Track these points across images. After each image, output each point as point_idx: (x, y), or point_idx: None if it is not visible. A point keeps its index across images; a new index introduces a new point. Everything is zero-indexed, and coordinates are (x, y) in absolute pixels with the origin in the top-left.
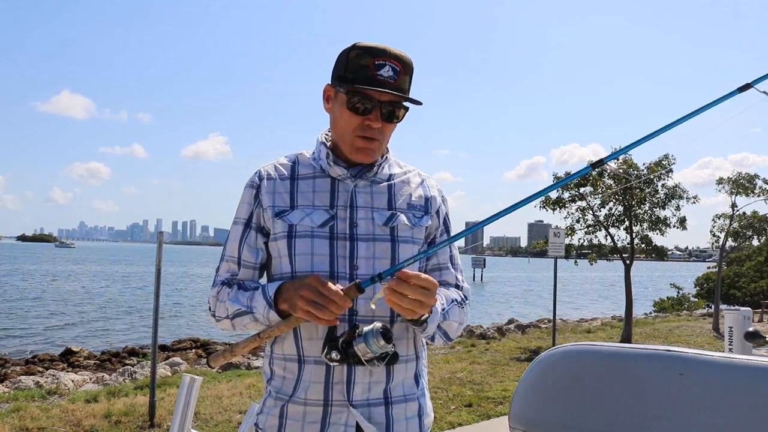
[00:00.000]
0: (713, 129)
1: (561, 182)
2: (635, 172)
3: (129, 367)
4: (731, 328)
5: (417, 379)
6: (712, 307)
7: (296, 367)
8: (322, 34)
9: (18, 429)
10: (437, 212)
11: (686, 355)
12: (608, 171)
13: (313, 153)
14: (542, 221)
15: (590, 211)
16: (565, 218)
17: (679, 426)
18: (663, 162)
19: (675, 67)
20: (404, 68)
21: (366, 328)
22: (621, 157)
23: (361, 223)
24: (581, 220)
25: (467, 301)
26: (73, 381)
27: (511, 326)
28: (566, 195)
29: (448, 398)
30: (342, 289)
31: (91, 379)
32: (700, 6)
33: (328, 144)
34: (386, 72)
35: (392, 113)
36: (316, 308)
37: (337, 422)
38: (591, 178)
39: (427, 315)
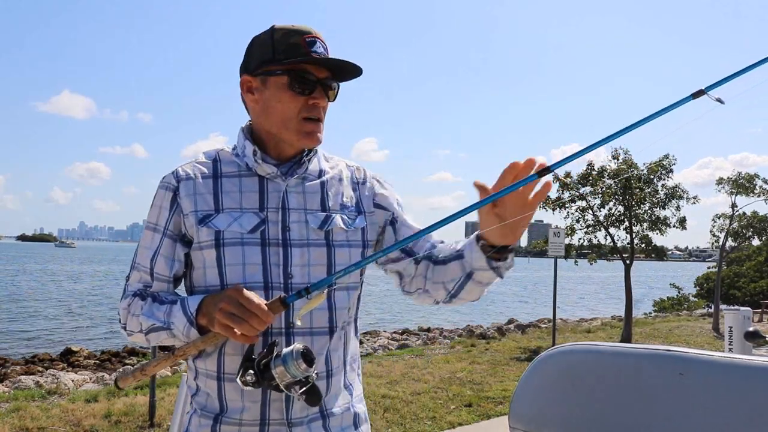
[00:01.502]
0: (666, 135)
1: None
2: (635, 171)
3: (129, 366)
4: (731, 328)
5: (348, 387)
6: (712, 307)
7: (216, 384)
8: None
9: (18, 429)
10: (377, 204)
11: (686, 355)
12: (608, 171)
13: (235, 149)
14: (542, 221)
15: (590, 211)
16: (565, 218)
17: (679, 426)
18: (663, 162)
19: (675, 67)
20: (328, 48)
21: (285, 350)
22: (621, 157)
23: (294, 227)
24: (581, 220)
25: None
26: (73, 381)
27: (511, 326)
28: (566, 195)
29: (448, 398)
30: (266, 303)
31: (91, 379)
32: (700, 6)
33: (251, 138)
34: (319, 48)
35: (332, 90)
36: (235, 321)
37: None
38: (591, 178)
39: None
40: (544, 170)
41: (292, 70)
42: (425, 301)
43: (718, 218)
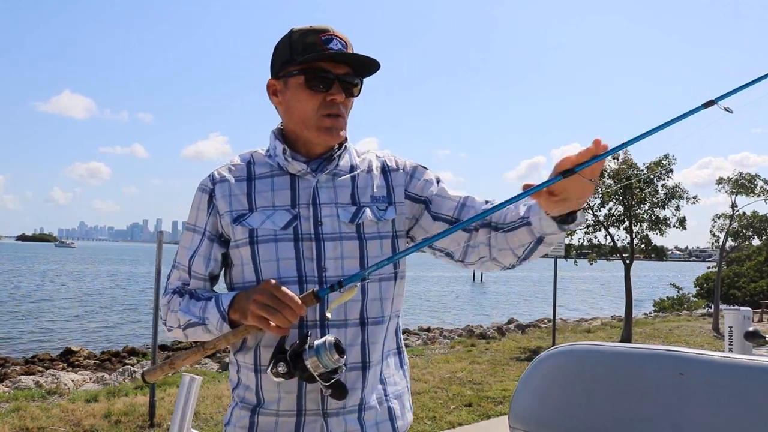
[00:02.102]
0: (678, 143)
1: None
2: (635, 172)
3: (129, 366)
4: (731, 328)
5: (384, 381)
6: (712, 307)
7: (254, 377)
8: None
9: (18, 429)
10: (408, 194)
11: (686, 355)
12: (608, 171)
13: (268, 150)
14: None
15: (590, 211)
16: None
17: (679, 426)
18: (663, 162)
19: (675, 67)
20: (349, 44)
21: (317, 341)
22: (621, 157)
23: (326, 221)
24: None
25: None
26: (73, 381)
27: (511, 326)
28: None
29: (448, 398)
30: (299, 296)
31: (91, 379)
32: (700, 6)
33: (281, 138)
34: (335, 45)
35: (350, 87)
36: (269, 312)
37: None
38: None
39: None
40: (568, 171)
41: (308, 69)
42: (491, 268)
43: (718, 218)
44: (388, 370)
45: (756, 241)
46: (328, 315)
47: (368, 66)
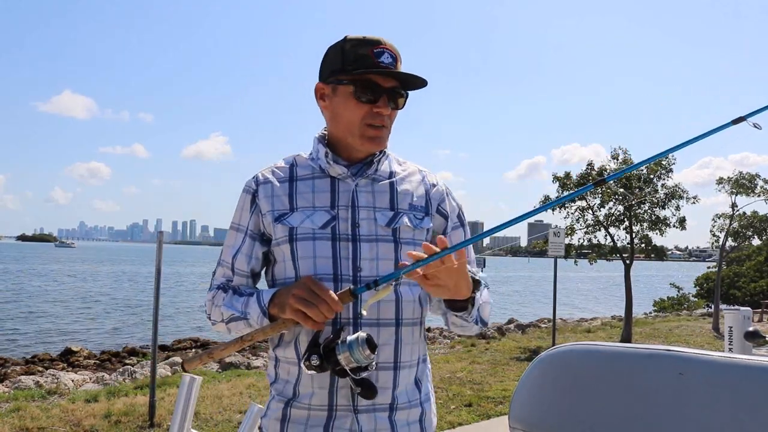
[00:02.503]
0: (709, 155)
1: (569, 196)
2: (635, 172)
3: (129, 366)
4: (731, 327)
5: (418, 384)
6: (712, 307)
7: (296, 370)
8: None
9: (18, 429)
10: (440, 209)
11: (686, 355)
12: (608, 171)
13: (311, 153)
14: (542, 221)
15: (590, 211)
16: (565, 218)
17: (679, 426)
18: (663, 162)
19: (675, 67)
20: (399, 57)
21: (350, 337)
22: (621, 158)
23: (363, 223)
24: (581, 219)
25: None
26: (73, 381)
27: (511, 326)
28: (566, 195)
29: (448, 398)
30: (336, 293)
31: (91, 379)
32: (700, 6)
33: (325, 142)
34: (386, 59)
35: (396, 100)
36: (307, 306)
37: (342, 427)
38: (591, 178)
39: (472, 294)
40: (599, 182)
41: (358, 80)
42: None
43: (718, 218)
44: (419, 374)
45: (756, 241)
46: (363, 313)
47: (416, 82)
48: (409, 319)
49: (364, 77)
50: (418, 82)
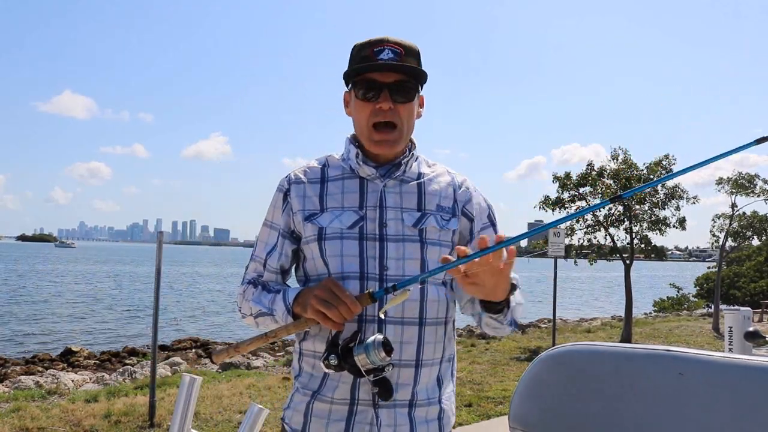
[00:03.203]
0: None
1: (588, 210)
2: (635, 172)
3: (129, 367)
4: (731, 328)
5: (439, 382)
6: (712, 307)
7: (321, 365)
8: (323, 34)
9: (18, 429)
10: (465, 211)
11: (686, 355)
12: (608, 171)
13: (343, 154)
14: (542, 221)
15: (590, 211)
16: None
17: (678, 426)
18: (663, 162)
19: (675, 67)
20: (406, 51)
21: (368, 339)
22: (621, 158)
23: (391, 223)
24: (581, 220)
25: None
26: (73, 381)
27: None
28: (566, 195)
29: None
30: (356, 296)
31: (91, 379)
32: (700, 6)
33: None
34: (385, 55)
35: (402, 93)
36: (326, 307)
37: (362, 421)
38: (591, 178)
39: (508, 295)
40: (616, 198)
41: (360, 81)
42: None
43: (718, 218)
44: (442, 373)
45: (756, 241)
46: (381, 315)
47: (415, 74)
48: (433, 318)
49: (364, 76)
50: (417, 71)
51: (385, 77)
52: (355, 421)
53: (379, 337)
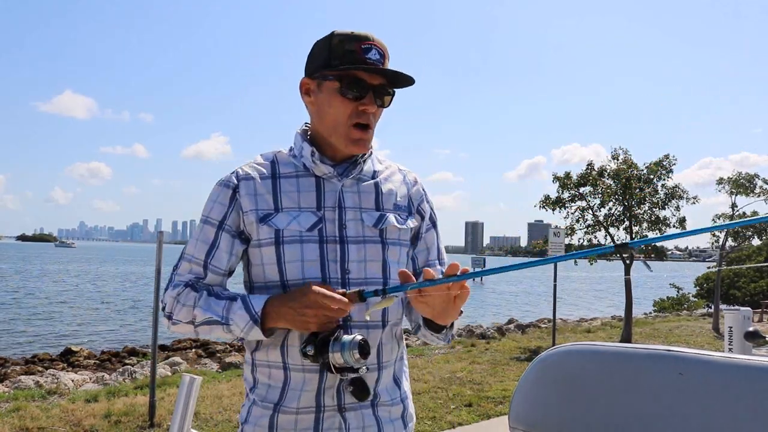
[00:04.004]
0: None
1: (595, 251)
2: (635, 172)
3: (129, 366)
4: (731, 328)
5: (397, 381)
6: (712, 307)
7: (281, 374)
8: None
9: (18, 429)
10: (419, 209)
11: (686, 355)
12: (608, 171)
13: (292, 150)
14: (542, 221)
15: (590, 211)
16: (565, 218)
17: (678, 426)
18: (663, 162)
19: (675, 67)
20: (387, 53)
21: (346, 337)
22: (621, 158)
23: (350, 224)
24: (581, 220)
25: None
26: (73, 381)
27: (511, 326)
28: (566, 195)
29: (448, 398)
30: (346, 294)
31: (91, 379)
32: (700, 6)
33: (309, 139)
34: (374, 55)
35: (383, 98)
36: (327, 323)
37: (331, 427)
38: (591, 178)
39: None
40: (621, 246)
41: (344, 77)
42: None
43: (718, 218)
44: (398, 372)
45: (756, 241)
46: (367, 317)
47: (403, 80)
48: (392, 322)
49: (350, 73)
50: (405, 80)
51: (372, 79)
52: (323, 428)
53: (359, 337)
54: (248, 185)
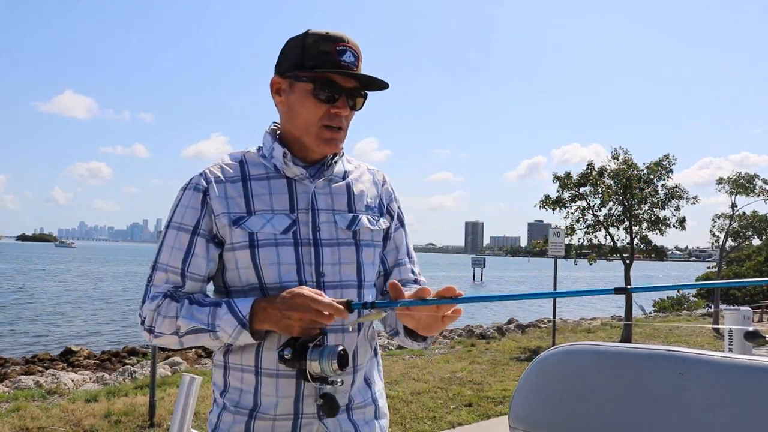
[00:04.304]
0: None
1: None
2: (635, 172)
3: (129, 366)
4: (731, 328)
5: (368, 381)
6: (712, 307)
7: (253, 379)
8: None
9: (18, 428)
10: (389, 209)
11: (686, 355)
12: (608, 171)
13: (260, 150)
14: (542, 221)
15: (590, 211)
16: (565, 218)
17: (678, 426)
18: (663, 162)
19: (675, 67)
20: (361, 55)
21: (327, 345)
22: (621, 158)
23: (324, 227)
24: (581, 219)
25: None
26: (73, 381)
27: (511, 326)
28: (566, 195)
29: (448, 398)
30: (337, 302)
31: (91, 379)
32: (701, 5)
33: (279, 139)
34: (348, 58)
35: (355, 100)
36: (319, 315)
37: None
38: (591, 178)
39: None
40: (621, 289)
41: (318, 79)
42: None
43: (718, 218)
44: (371, 372)
45: (756, 241)
46: (350, 328)
47: (376, 84)
48: (367, 325)
49: (324, 75)
50: (379, 84)
51: (346, 82)
52: None
53: (339, 348)
54: (218, 188)
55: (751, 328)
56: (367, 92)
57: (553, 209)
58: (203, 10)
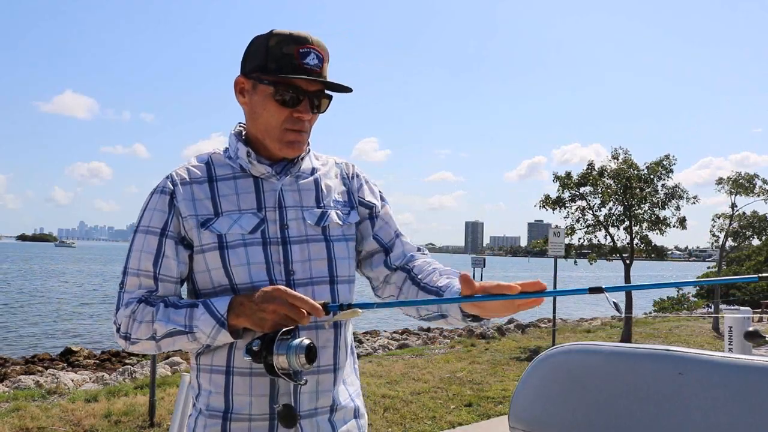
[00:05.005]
0: None
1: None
2: (635, 172)
3: (129, 366)
4: (731, 328)
5: (347, 382)
6: (712, 307)
7: (222, 379)
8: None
9: (18, 428)
10: (361, 201)
11: (686, 355)
12: (608, 171)
13: (227, 151)
14: (542, 221)
15: (590, 211)
16: (565, 218)
17: (678, 426)
18: (663, 162)
19: (675, 67)
20: (326, 56)
21: (294, 339)
22: (621, 157)
23: (292, 224)
24: (581, 219)
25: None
26: (72, 380)
27: (511, 326)
28: (566, 195)
29: (448, 398)
30: (317, 304)
31: (91, 379)
32: (702, 5)
33: (244, 139)
34: (312, 60)
35: (320, 104)
36: (289, 322)
37: None
38: (591, 177)
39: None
40: (596, 289)
41: (279, 83)
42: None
43: (718, 218)
44: (348, 370)
45: (756, 241)
46: (326, 326)
47: (339, 88)
48: (346, 321)
49: (285, 79)
50: (342, 88)
51: (308, 85)
52: None
53: (306, 341)
54: (185, 190)
55: (751, 328)
56: (331, 94)
57: (554, 209)
58: (203, 10)
